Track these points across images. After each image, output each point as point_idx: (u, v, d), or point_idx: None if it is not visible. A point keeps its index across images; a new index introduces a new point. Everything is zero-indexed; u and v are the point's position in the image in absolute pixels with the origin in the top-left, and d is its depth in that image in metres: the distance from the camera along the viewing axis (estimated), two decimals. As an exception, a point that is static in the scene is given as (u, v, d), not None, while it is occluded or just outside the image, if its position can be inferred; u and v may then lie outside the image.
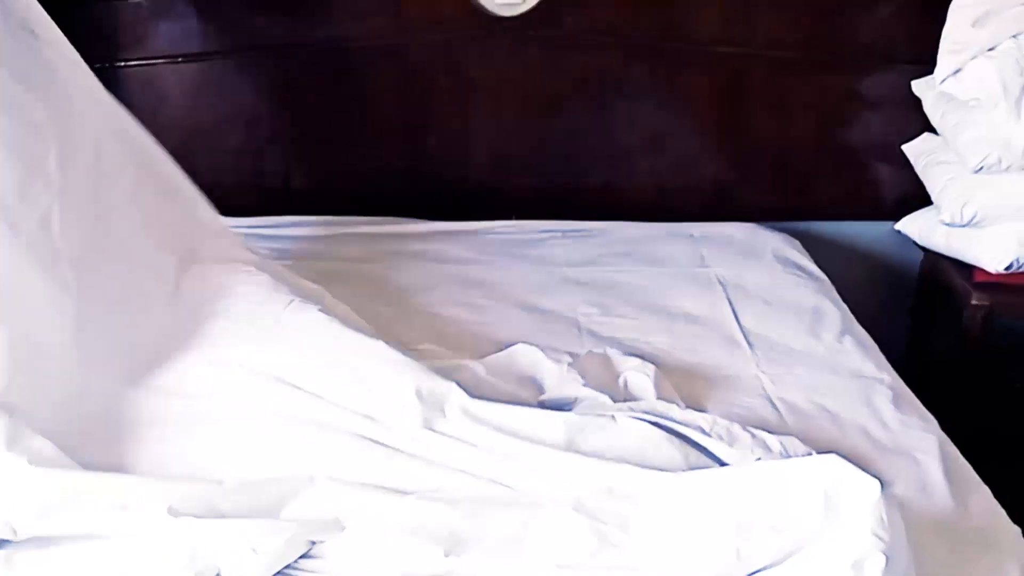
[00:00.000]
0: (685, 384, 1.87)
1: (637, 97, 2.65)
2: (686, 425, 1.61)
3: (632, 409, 1.65)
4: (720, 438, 1.62)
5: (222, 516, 1.40)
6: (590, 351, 1.91)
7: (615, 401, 1.69)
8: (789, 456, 1.62)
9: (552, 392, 1.74)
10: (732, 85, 2.67)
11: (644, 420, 1.58)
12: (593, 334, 2.06)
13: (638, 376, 1.81)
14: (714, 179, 2.75)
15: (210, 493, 1.44)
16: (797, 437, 1.71)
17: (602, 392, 1.69)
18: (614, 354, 1.89)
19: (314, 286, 1.89)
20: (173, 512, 1.38)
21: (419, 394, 1.61)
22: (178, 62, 2.56)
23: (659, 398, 1.74)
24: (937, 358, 2.59)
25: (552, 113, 2.65)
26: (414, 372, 1.65)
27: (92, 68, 2.49)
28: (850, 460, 1.42)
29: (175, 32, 2.54)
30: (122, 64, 2.55)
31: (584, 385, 1.72)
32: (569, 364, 1.79)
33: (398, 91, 2.61)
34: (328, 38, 2.56)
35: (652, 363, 1.87)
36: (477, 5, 2.56)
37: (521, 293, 2.23)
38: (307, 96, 2.60)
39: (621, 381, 1.80)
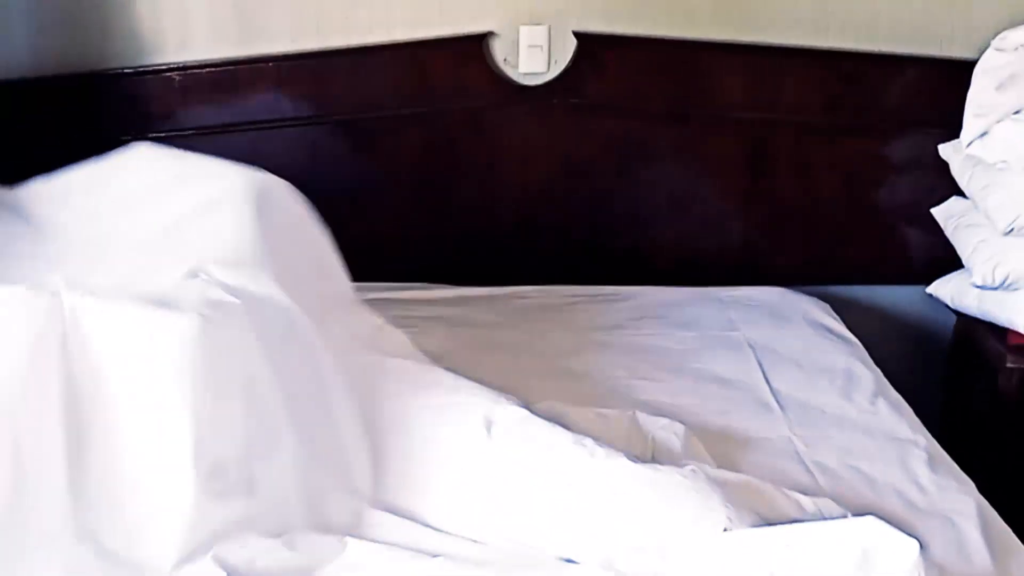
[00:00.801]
0: (716, 446, 1.84)
1: (662, 161, 2.67)
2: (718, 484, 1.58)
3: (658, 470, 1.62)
4: (753, 498, 1.59)
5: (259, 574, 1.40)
6: (617, 411, 1.89)
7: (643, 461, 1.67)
8: (824, 518, 1.58)
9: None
10: (757, 149, 2.68)
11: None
12: (622, 396, 2.04)
13: (666, 436, 1.79)
14: (741, 243, 2.74)
15: (250, 549, 1.43)
16: (832, 499, 1.68)
17: (627, 453, 1.67)
18: (642, 415, 1.87)
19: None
20: (218, 561, 1.38)
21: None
22: (208, 133, 2.59)
23: (688, 458, 1.72)
24: (973, 422, 2.55)
25: (578, 178, 2.66)
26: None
27: (124, 140, 2.57)
28: (887, 521, 1.39)
29: (205, 104, 2.58)
30: (153, 136, 2.58)
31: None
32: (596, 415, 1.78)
33: (424, 158, 2.63)
34: (356, 107, 2.59)
35: (682, 425, 1.85)
36: (502, 74, 2.59)
37: (549, 356, 2.22)
38: (335, 164, 2.62)
39: (649, 441, 1.78)
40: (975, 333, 2.55)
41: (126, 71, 2.54)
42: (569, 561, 1.49)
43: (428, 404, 1.71)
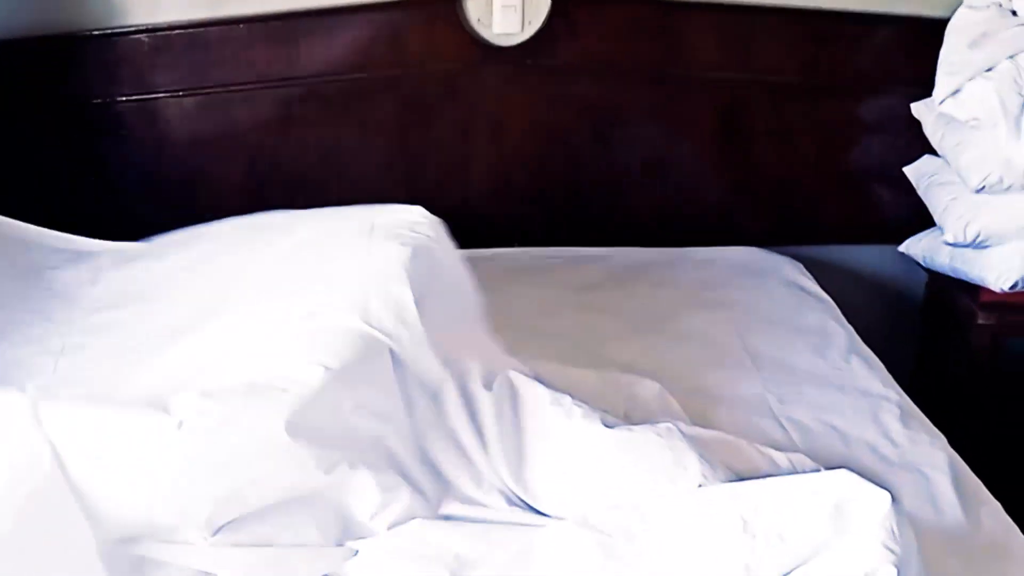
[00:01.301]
0: (691, 404, 1.86)
1: (637, 124, 2.66)
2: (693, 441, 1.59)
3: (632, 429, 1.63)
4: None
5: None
6: (593, 370, 1.90)
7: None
8: (798, 472, 1.60)
9: None
10: (732, 111, 2.68)
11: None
12: (598, 356, 2.05)
13: (641, 394, 1.80)
14: (716, 204, 2.75)
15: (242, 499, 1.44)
16: (805, 455, 1.70)
17: (604, 411, 1.68)
18: (617, 374, 1.88)
19: None
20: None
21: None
22: (179, 96, 2.57)
23: (663, 416, 1.73)
24: (945, 379, 2.58)
25: (552, 140, 2.65)
26: None
27: (93, 104, 2.54)
28: (859, 475, 1.41)
29: (175, 66, 2.55)
30: (123, 99, 2.56)
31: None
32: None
33: (398, 121, 2.62)
34: (328, 69, 2.57)
35: (657, 383, 1.86)
36: (476, 35, 2.57)
37: (525, 317, 2.22)
38: (307, 128, 2.60)
39: (624, 399, 1.79)
40: (947, 291, 2.57)
41: (95, 33, 2.50)
42: (542, 514, 1.51)
43: None
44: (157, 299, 1.85)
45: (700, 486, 1.47)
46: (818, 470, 1.60)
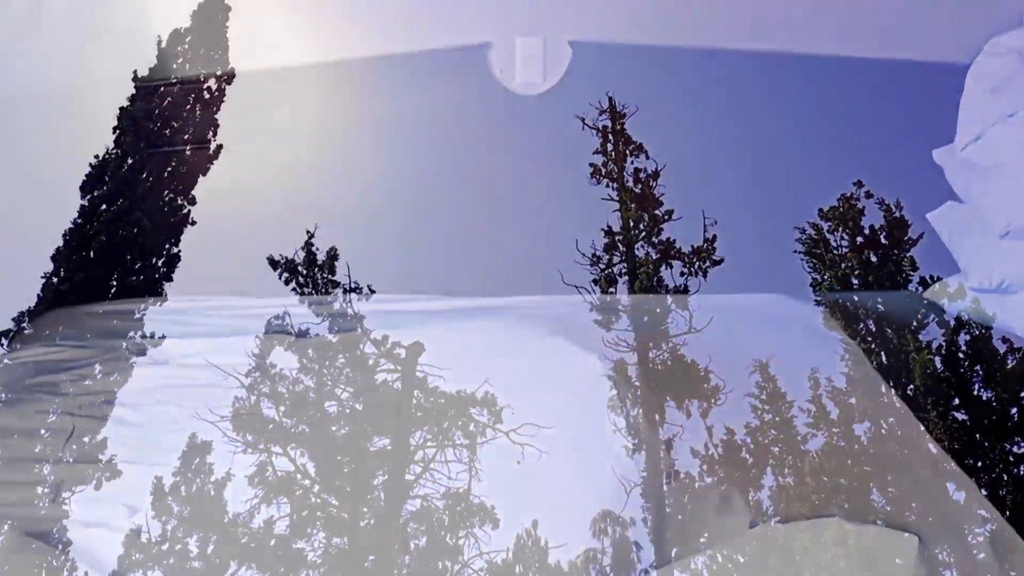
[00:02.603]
0: (719, 451, 1.86)
1: (663, 170, 2.69)
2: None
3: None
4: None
5: None
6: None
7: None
8: (824, 518, 1.61)
9: None
10: (755, 150, 2.70)
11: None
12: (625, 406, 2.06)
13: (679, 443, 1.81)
14: (738, 250, 2.77)
15: None
16: (835, 503, 1.70)
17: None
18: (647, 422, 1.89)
19: None
20: None
21: None
22: (205, 147, 2.61)
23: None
24: (973, 423, 2.58)
25: (575, 188, 2.69)
26: None
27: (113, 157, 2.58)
28: (890, 527, 1.41)
29: (196, 119, 2.59)
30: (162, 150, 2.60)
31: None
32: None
33: (422, 169, 2.66)
34: (351, 119, 2.61)
35: (686, 430, 1.87)
36: (499, 86, 2.61)
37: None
38: (325, 181, 2.65)
39: (663, 446, 1.81)
40: (973, 335, 2.57)
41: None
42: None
43: None
44: None
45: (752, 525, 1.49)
46: (848, 521, 1.60)
